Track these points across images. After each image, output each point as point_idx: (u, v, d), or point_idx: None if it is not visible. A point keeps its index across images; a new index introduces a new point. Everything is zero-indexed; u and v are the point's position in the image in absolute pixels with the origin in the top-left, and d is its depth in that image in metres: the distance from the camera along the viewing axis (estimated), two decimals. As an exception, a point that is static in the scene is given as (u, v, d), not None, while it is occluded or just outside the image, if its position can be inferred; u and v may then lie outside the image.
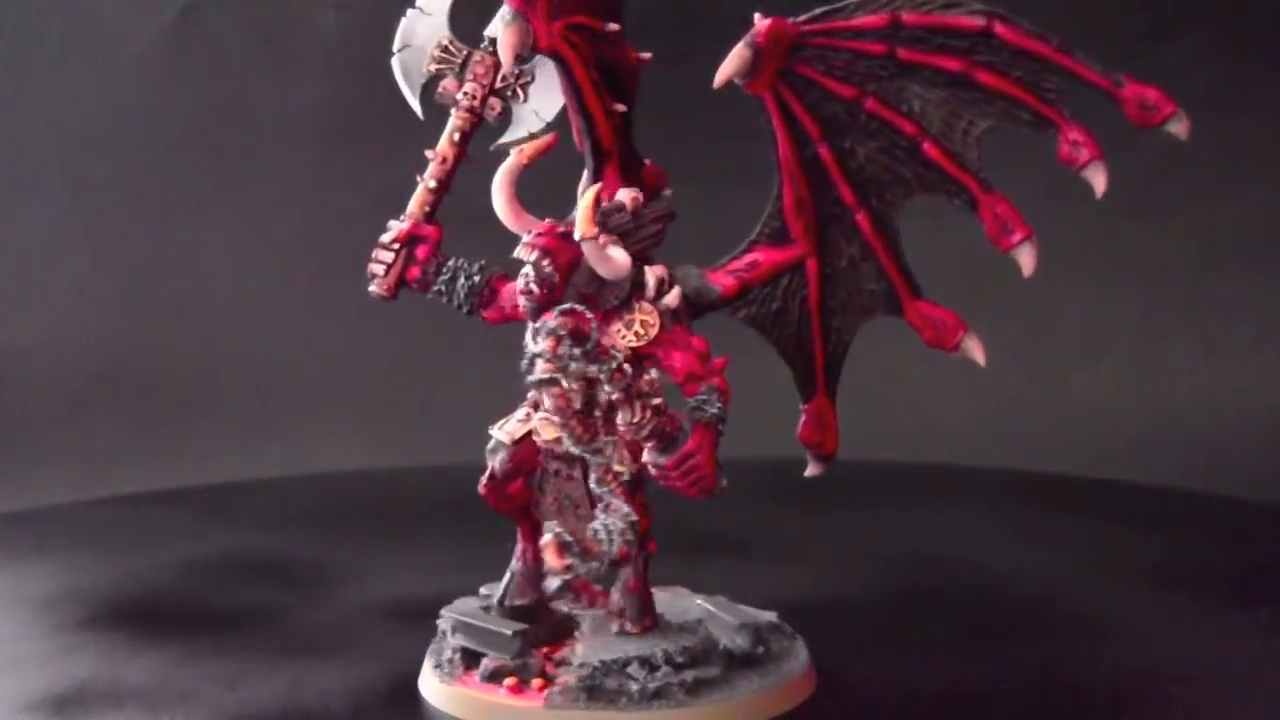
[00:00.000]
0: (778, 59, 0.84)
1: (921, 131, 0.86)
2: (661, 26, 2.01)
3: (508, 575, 0.92)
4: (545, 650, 0.88)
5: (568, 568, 0.79)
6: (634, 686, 0.83)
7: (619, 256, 0.82)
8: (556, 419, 0.81)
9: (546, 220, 0.86)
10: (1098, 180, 0.84)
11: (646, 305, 0.84)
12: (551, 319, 0.80)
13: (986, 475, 1.67)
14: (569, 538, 0.79)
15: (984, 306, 1.92)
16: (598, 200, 0.82)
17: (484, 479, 0.90)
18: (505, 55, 0.83)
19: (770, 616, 0.94)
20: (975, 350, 0.91)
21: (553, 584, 0.80)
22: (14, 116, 2.03)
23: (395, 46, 0.91)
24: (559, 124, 0.92)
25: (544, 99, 0.92)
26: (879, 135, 0.87)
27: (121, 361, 2.01)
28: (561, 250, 0.83)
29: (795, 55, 0.85)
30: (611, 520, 0.80)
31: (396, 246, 0.89)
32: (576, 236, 0.81)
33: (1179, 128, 0.83)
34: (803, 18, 0.85)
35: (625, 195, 0.85)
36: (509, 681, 0.85)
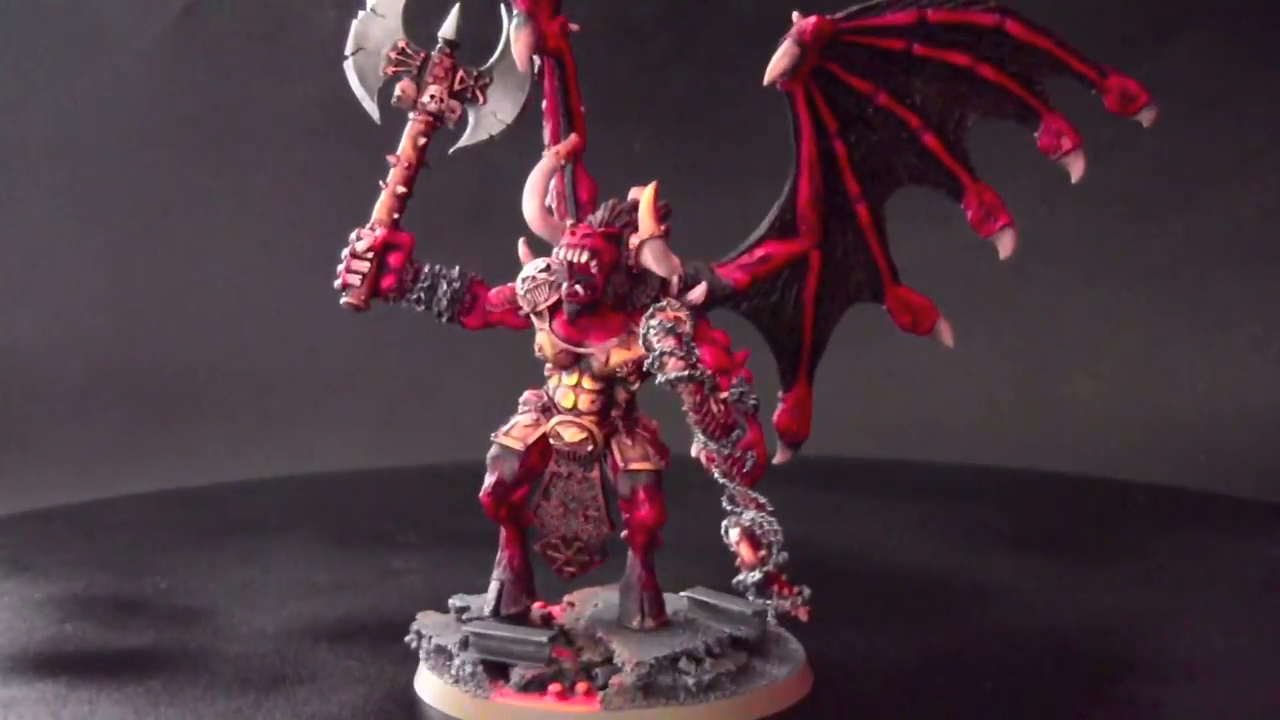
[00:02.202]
0: (815, 56, 0.86)
1: (924, 124, 0.89)
2: (660, 28, 2.02)
3: (495, 585, 0.90)
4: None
5: (763, 560, 0.76)
6: (689, 680, 0.83)
7: (674, 255, 0.82)
8: (691, 415, 0.78)
9: (569, 221, 0.86)
10: (1076, 167, 0.88)
11: (675, 302, 0.84)
12: (665, 318, 0.79)
13: (971, 473, 1.68)
14: (757, 530, 0.77)
15: (984, 307, 1.94)
16: (656, 198, 0.81)
17: (489, 486, 0.87)
18: (520, 57, 0.84)
19: (748, 609, 0.93)
20: (945, 333, 0.94)
21: (752, 578, 0.76)
22: (14, 116, 2.03)
23: (348, 49, 0.88)
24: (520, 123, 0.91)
25: (502, 101, 0.89)
26: (883, 128, 0.90)
27: (121, 361, 2.01)
28: (606, 250, 0.82)
29: (827, 52, 0.87)
30: (760, 514, 0.78)
31: (371, 255, 0.86)
32: (643, 235, 0.81)
33: (1148, 116, 0.87)
34: (840, 15, 0.87)
35: (639, 193, 0.84)
36: (554, 688, 0.83)
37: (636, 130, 1.81)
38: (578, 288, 0.82)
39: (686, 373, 0.78)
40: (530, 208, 0.85)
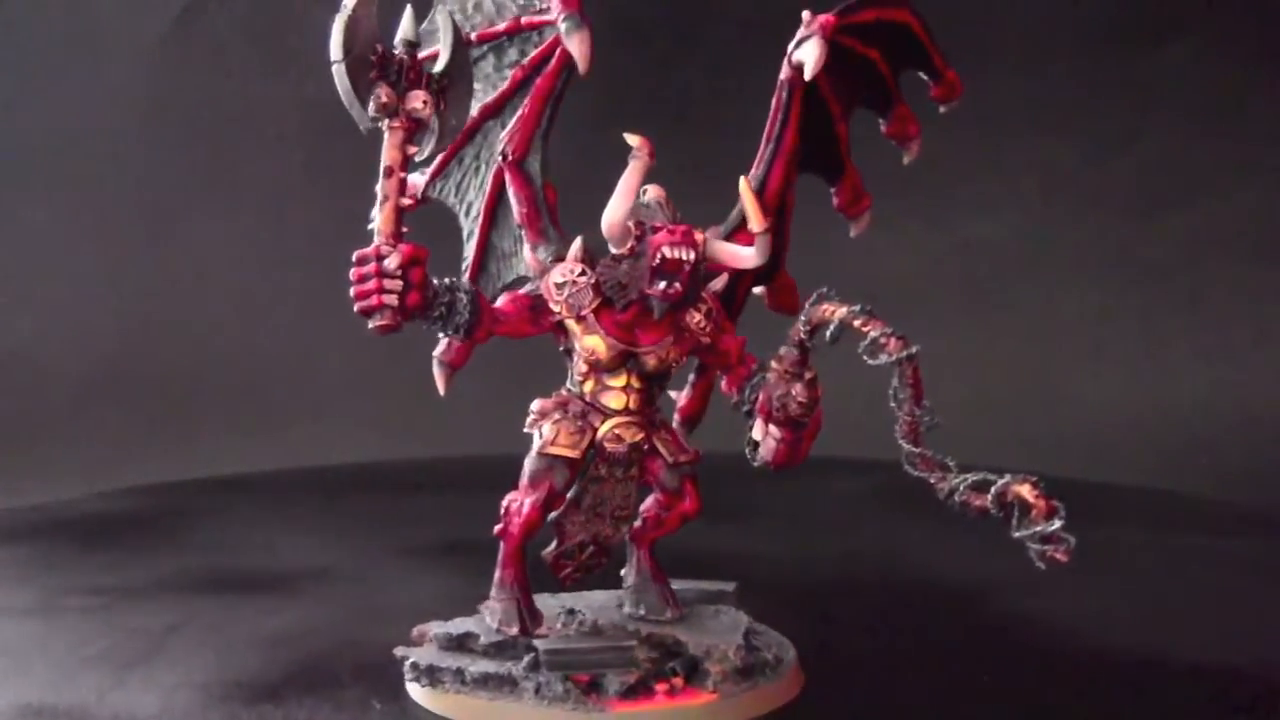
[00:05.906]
0: None
1: (841, 114, 0.92)
2: (660, 28, 2.02)
3: (510, 604, 0.87)
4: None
5: (1054, 510, 0.75)
6: (769, 655, 0.86)
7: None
8: (909, 391, 0.79)
9: (632, 223, 0.83)
10: (914, 150, 0.94)
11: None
12: (840, 306, 0.79)
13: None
14: (1007, 484, 0.76)
15: (985, 307, 1.94)
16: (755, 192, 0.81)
17: (538, 501, 0.85)
18: (584, 60, 0.84)
19: (728, 587, 0.95)
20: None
21: (1050, 527, 0.75)
22: (14, 116, 2.04)
23: (338, 54, 0.81)
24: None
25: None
26: (816, 118, 0.91)
27: (121, 360, 2.01)
28: (697, 249, 0.82)
29: None
30: (984, 473, 0.79)
31: (401, 273, 0.78)
32: (756, 229, 0.80)
33: (951, 106, 0.93)
34: (834, 12, 0.88)
35: (660, 191, 0.84)
36: (662, 687, 0.83)
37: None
38: (676, 284, 0.81)
39: (914, 349, 0.78)
40: (621, 210, 0.81)
